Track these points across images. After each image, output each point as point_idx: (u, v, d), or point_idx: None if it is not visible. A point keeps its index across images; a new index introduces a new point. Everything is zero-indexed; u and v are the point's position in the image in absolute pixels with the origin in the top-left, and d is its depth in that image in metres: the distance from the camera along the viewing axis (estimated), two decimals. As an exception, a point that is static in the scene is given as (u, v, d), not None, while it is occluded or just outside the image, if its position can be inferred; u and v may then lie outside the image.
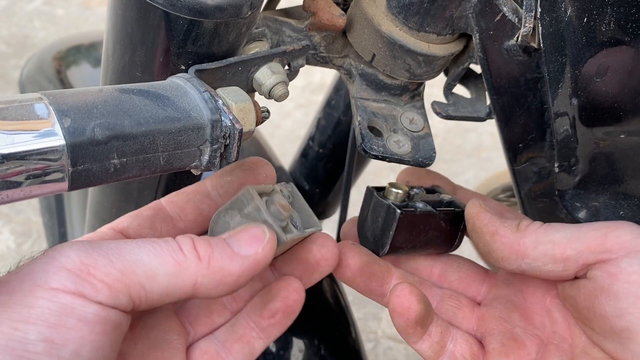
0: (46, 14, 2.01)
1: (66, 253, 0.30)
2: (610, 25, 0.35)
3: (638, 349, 0.36)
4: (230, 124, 0.35)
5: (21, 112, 0.29)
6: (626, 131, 0.40)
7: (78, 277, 0.30)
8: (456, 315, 0.45)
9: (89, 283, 0.30)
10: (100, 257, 0.30)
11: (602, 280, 0.37)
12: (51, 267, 0.30)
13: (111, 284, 0.30)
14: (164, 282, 0.32)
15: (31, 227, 1.47)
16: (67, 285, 0.29)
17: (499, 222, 0.41)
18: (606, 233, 0.38)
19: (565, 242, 0.39)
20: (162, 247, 0.32)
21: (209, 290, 0.33)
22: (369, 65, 0.45)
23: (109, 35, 0.41)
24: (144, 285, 0.31)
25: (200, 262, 0.32)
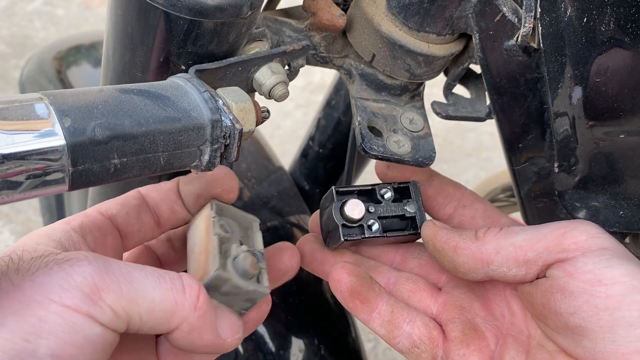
0: (46, 14, 2.01)
1: (82, 272, 0.31)
2: (610, 25, 0.36)
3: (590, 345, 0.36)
4: (230, 124, 0.35)
5: (21, 112, 0.30)
6: (626, 131, 0.40)
7: (90, 299, 0.31)
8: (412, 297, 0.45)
9: (99, 307, 0.31)
10: (113, 283, 0.32)
11: (559, 279, 0.38)
12: (66, 284, 0.31)
13: (117, 310, 0.31)
14: (158, 317, 0.33)
15: (31, 227, 1.47)
16: (80, 305, 0.30)
17: (457, 235, 0.42)
18: (564, 233, 0.39)
19: (525, 244, 0.39)
20: (167, 283, 0.34)
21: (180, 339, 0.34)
22: (369, 66, 0.45)
23: (109, 35, 0.41)
24: (142, 317, 0.33)
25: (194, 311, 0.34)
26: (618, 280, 0.36)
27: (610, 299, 0.36)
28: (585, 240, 0.38)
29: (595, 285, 0.36)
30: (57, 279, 0.31)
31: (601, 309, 0.36)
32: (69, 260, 0.32)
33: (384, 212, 0.45)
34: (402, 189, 0.46)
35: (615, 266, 0.37)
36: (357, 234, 0.44)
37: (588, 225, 0.39)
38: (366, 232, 0.44)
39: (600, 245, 0.38)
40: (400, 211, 0.45)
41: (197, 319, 0.34)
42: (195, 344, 0.35)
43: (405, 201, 0.45)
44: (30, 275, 0.31)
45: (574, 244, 0.38)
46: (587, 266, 0.37)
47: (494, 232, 0.41)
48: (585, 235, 0.38)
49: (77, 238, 0.38)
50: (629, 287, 0.36)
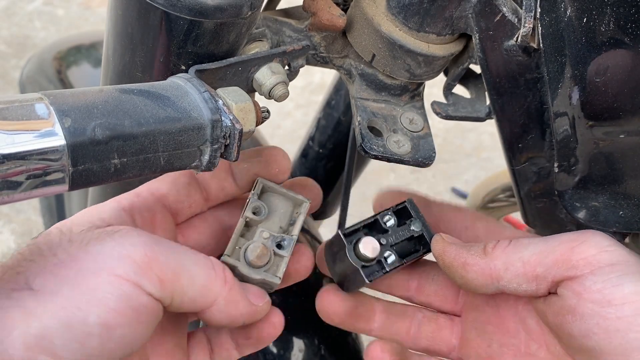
0: (46, 14, 2.01)
1: (133, 242, 0.33)
2: (609, 26, 0.36)
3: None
4: (230, 124, 0.35)
5: (22, 112, 0.30)
6: (626, 131, 0.40)
7: (140, 269, 0.32)
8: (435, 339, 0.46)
9: (147, 276, 0.32)
10: (161, 254, 0.33)
11: (568, 299, 0.37)
12: (118, 254, 0.32)
13: (164, 281, 0.33)
14: (196, 292, 0.35)
15: (31, 227, 1.47)
16: (130, 274, 0.32)
17: (466, 251, 0.41)
18: (572, 247, 0.38)
19: (534, 259, 0.38)
20: (202, 260, 0.36)
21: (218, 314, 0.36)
22: (369, 66, 0.45)
23: (109, 35, 0.41)
24: (184, 289, 0.34)
25: (224, 285, 0.36)
26: (628, 300, 0.35)
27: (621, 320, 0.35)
28: (594, 256, 0.37)
29: (604, 306, 0.36)
30: (109, 249, 0.32)
31: (612, 331, 0.35)
32: (120, 231, 0.33)
33: (394, 239, 0.44)
34: (401, 210, 0.45)
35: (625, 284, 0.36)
36: (378, 271, 0.43)
37: (598, 236, 0.38)
38: (386, 266, 0.43)
39: (610, 261, 0.37)
40: (407, 233, 0.44)
41: (229, 292, 0.36)
42: (232, 315, 0.37)
43: (408, 222, 0.45)
44: (83, 246, 0.32)
45: (583, 259, 0.37)
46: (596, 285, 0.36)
47: (503, 246, 0.40)
48: (595, 250, 0.37)
49: (126, 217, 0.39)
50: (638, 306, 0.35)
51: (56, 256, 0.32)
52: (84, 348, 0.31)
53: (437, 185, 1.66)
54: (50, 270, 0.31)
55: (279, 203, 0.43)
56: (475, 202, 1.12)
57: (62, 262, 0.32)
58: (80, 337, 0.30)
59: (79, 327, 0.30)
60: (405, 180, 1.65)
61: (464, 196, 1.59)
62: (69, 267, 0.31)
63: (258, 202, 0.42)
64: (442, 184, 1.66)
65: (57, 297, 0.30)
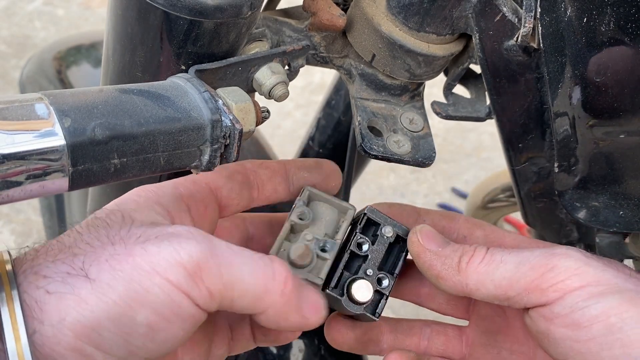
0: (46, 14, 2.01)
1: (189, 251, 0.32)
2: (610, 25, 0.36)
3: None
4: (230, 124, 0.35)
5: (22, 112, 0.30)
6: (626, 131, 0.40)
7: (191, 279, 0.32)
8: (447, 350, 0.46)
9: (197, 287, 0.32)
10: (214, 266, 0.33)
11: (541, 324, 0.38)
12: (173, 260, 0.32)
13: (213, 293, 0.33)
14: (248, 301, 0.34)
15: (31, 227, 1.47)
16: (181, 283, 0.32)
17: (440, 264, 0.41)
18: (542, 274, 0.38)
19: (505, 283, 0.38)
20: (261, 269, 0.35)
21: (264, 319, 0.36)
22: (369, 66, 0.45)
23: (109, 35, 0.41)
24: (234, 300, 0.34)
25: (280, 297, 0.35)
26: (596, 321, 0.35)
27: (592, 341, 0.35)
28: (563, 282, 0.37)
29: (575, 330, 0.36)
30: (166, 253, 0.32)
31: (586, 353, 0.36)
32: (179, 236, 0.33)
33: (377, 259, 0.43)
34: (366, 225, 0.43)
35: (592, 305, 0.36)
36: (380, 301, 0.42)
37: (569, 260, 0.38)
38: (385, 292, 0.42)
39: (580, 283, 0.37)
40: (384, 243, 0.43)
41: (282, 304, 0.35)
42: (280, 324, 0.36)
43: (379, 231, 0.43)
44: (141, 242, 0.33)
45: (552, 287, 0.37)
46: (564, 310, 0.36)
47: (476, 263, 0.40)
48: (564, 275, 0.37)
49: (184, 208, 0.39)
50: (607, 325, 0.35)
51: (114, 246, 0.32)
52: (127, 345, 0.31)
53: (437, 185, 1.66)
54: (106, 260, 0.32)
55: (324, 211, 0.44)
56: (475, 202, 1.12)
57: (118, 255, 0.32)
58: (126, 334, 0.31)
59: (127, 325, 0.31)
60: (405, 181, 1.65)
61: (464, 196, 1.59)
62: (125, 261, 0.32)
63: (304, 208, 0.42)
64: (442, 184, 1.66)
65: (112, 292, 0.31)
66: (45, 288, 0.31)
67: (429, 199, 1.62)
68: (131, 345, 0.31)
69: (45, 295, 0.31)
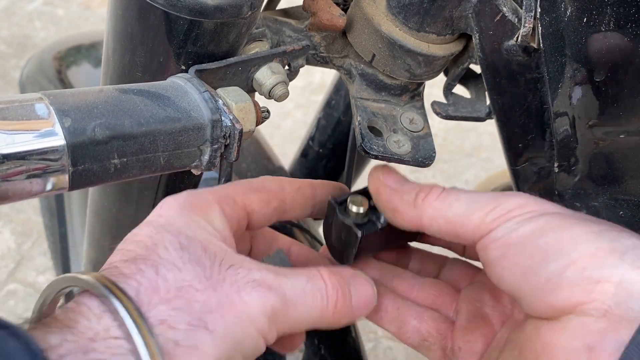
0: (47, 14, 2.01)
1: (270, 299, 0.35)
2: (610, 25, 0.36)
3: (524, 301, 0.36)
4: (230, 124, 0.35)
5: (22, 112, 0.30)
6: (626, 131, 0.40)
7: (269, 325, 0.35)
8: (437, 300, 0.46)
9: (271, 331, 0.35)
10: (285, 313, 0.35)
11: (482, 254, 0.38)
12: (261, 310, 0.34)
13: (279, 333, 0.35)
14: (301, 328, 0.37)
15: (31, 227, 1.47)
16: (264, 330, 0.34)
17: (398, 198, 0.42)
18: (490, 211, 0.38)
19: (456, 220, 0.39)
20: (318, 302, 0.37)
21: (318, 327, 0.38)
22: (369, 65, 0.45)
23: (109, 35, 0.41)
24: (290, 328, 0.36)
25: (332, 317, 0.37)
26: (522, 237, 0.36)
27: (517, 256, 0.36)
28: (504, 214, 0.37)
29: (505, 249, 0.36)
30: (256, 303, 0.34)
31: (512, 267, 0.36)
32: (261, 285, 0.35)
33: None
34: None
35: (522, 225, 0.36)
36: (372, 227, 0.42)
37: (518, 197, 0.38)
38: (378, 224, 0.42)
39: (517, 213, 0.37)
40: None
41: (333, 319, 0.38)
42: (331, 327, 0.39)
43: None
44: (236, 290, 0.34)
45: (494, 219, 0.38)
46: (499, 234, 0.37)
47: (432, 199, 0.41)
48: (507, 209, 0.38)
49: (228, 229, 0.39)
50: (530, 239, 0.35)
51: (216, 292, 0.34)
52: None
53: (437, 185, 1.66)
54: (217, 310, 0.33)
55: None
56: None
57: (224, 304, 0.33)
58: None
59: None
60: (405, 180, 1.65)
61: None
62: (230, 312, 0.33)
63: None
64: (442, 184, 1.66)
65: (225, 343, 0.33)
66: (175, 340, 0.31)
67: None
68: None
69: (176, 348, 0.31)
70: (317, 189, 0.45)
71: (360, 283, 0.40)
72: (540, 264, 0.35)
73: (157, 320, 0.31)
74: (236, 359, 0.33)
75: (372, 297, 0.40)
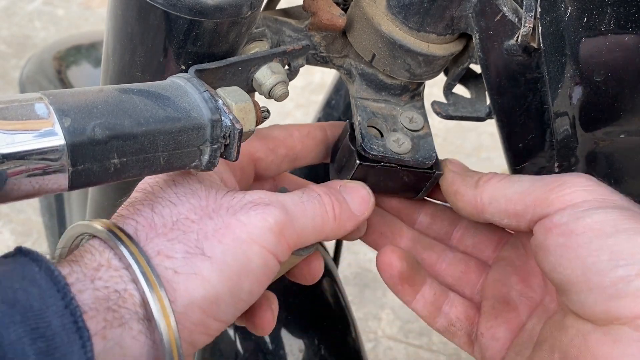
0: (46, 14, 2.01)
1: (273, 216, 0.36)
2: (610, 25, 0.36)
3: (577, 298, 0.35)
4: (230, 123, 0.35)
5: (21, 111, 0.30)
6: (626, 131, 0.40)
7: (277, 240, 0.36)
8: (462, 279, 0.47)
9: (281, 245, 0.36)
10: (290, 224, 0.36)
11: (540, 235, 0.37)
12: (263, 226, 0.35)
13: (290, 245, 0.37)
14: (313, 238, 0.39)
15: (31, 227, 1.47)
16: (271, 246, 0.35)
17: (460, 180, 0.43)
18: (553, 188, 0.38)
19: (516, 197, 0.39)
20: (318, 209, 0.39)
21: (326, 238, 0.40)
22: (369, 65, 0.45)
23: (109, 35, 0.41)
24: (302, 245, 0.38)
25: (334, 222, 0.39)
26: (589, 229, 0.35)
27: (581, 248, 0.34)
28: (569, 194, 0.37)
29: (568, 237, 0.35)
30: (256, 221, 0.35)
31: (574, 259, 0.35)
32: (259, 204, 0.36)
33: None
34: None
35: (590, 215, 0.35)
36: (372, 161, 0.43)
37: (580, 178, 0.38)
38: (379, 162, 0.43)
39: (583, 198, 0.36)
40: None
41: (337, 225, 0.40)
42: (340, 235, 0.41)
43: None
44: (232, 214, 0.35)
45: (558, 198, 0.37)
46: (563, 219, 0.36)
47: (494, 181, 0.41)
48: (572, 188, 0.37)
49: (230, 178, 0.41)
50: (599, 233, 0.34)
51: (212, 220, 0.35)
52: (235, 312, 0.35)
53: (437, 185, 1.66)
54: (213, 236, 0.34)
55: None
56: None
57: (220, 229, 0.35)
58: (236, 303, 0.35)
59: (237, 295, 0.34)
60: (405, 180, 1.65)
61: None
62: (227, 234, 0.34)
63: None
64: (442, 184, 1.66)
65: (226, 267, 0.34)
66: (174, 269, 0.33)
67: (429, 199, 1.61)
68: (237, 311, 0.35)
69: (175, 275, 0.33)
70: (328, 131, 0.47)
71: (350, 187, 0.42)
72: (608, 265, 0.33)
73: (154, 251, 0.33)
74: (244, 281, 0.34)
75: (366, 195, 0.42)
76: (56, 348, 0.27)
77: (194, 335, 0.33)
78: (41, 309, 0.28)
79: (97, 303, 0.30)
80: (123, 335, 0.31)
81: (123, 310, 0.31)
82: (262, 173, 0.45)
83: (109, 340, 0.30)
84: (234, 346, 0.58)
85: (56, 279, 0.29)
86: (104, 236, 0.33)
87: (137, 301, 0.32)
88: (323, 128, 0.47)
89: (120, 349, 0.30)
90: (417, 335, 1.36)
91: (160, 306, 0.31)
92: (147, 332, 0.31)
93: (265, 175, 0.45)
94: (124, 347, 0.31)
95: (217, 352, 0.58)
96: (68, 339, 0.27)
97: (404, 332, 1.37)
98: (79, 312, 0.28)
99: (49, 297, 0.28)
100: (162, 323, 0.31)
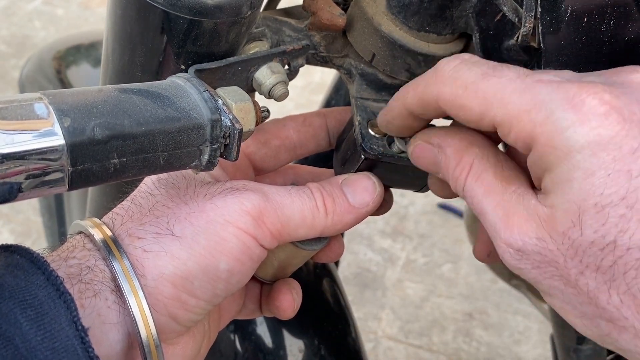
0: (46, 14, 2.01)
1: (251, 200, 0.37)
2: (610, 25, 0.35)
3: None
4: (230, 123, 0.35)
5: (21, 111, 0.30)
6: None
7: (256, 223, 0.37)
8: None
9: (261, 230, 0.37)
10: (271, 210, 0.37)
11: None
12: (240, 210, 0.37)
13: (274, 233, 0.38)
14: (304, 231, 0.39)
15: (31, 227, 1.47)
16: (249, 228, 0.36)
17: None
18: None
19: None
20: (306, 202, 0.39)
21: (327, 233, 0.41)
22: (369, 65, 0.45)
23: (108, 35, 0.41)
24: (291, 235, 0.39)
25: (327, 217, 0.40)
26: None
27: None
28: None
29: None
30: (232, 204, 0.37)
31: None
32: (238, 189, 0.38)
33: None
34: None
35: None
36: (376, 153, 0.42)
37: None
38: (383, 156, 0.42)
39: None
40: None
41: (330, 220, 0.40)
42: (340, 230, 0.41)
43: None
44: (209, 199, 0.37)
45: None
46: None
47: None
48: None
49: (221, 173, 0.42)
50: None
51: (187, 205, 0.37)
52: (213, 289, 0.36)
53: (437, 185, 1.66)
54: (185, 219, 0.36)
55: None
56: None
57: (194, 212, 0.36)
58: (212, 280, 0.36)
59: (212, 272, 0.36)
60: (405, 180, 1.65)
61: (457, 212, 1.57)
62: (200, 217, 0.36)
63: None
64: (442, 184, 1.66)
65: (197, 245, 0.36)
66: (143, 248, 0.36)
67: (430, 198, 1.62)
68: (216, 289, 0.36)
69: (144, 253, 0.35)
70: (327, 117, 0.46)
71: (352, 180, 0.42)
72: None
73: (126, 234, 0.36)
74: (219, 260, 0.36)
75: (370, 186, 0.41)
76: (45, 314, 0.31)
77: (170, 308, 0.35)
78: (26, 285, 0.31)
79: (70, 277, 0.34)
80: (99, 305, 0.34)
81: (95, 282, 0.34)
82: (261, 167, 0.45)
83: (87, 309, 0.34)
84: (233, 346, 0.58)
85: (36, 259, 0.33)
86: (82, 228, 0.37)
87: (107, 276, 0.35)
88: (321, 114, 0.47)
89: (99, 317, 0.34)
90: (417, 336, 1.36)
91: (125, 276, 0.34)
92: (121, 302, 0.35)
93: (265, 168, 0.45)
94: (102, 315, 0.34)
95: (217, 352, 0.58)
96: (54, 304, 0.31)
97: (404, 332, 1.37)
98: (59, 280, 0.32)
99: (31, 274, 0.32)
100: (127, 286, 0.34)
